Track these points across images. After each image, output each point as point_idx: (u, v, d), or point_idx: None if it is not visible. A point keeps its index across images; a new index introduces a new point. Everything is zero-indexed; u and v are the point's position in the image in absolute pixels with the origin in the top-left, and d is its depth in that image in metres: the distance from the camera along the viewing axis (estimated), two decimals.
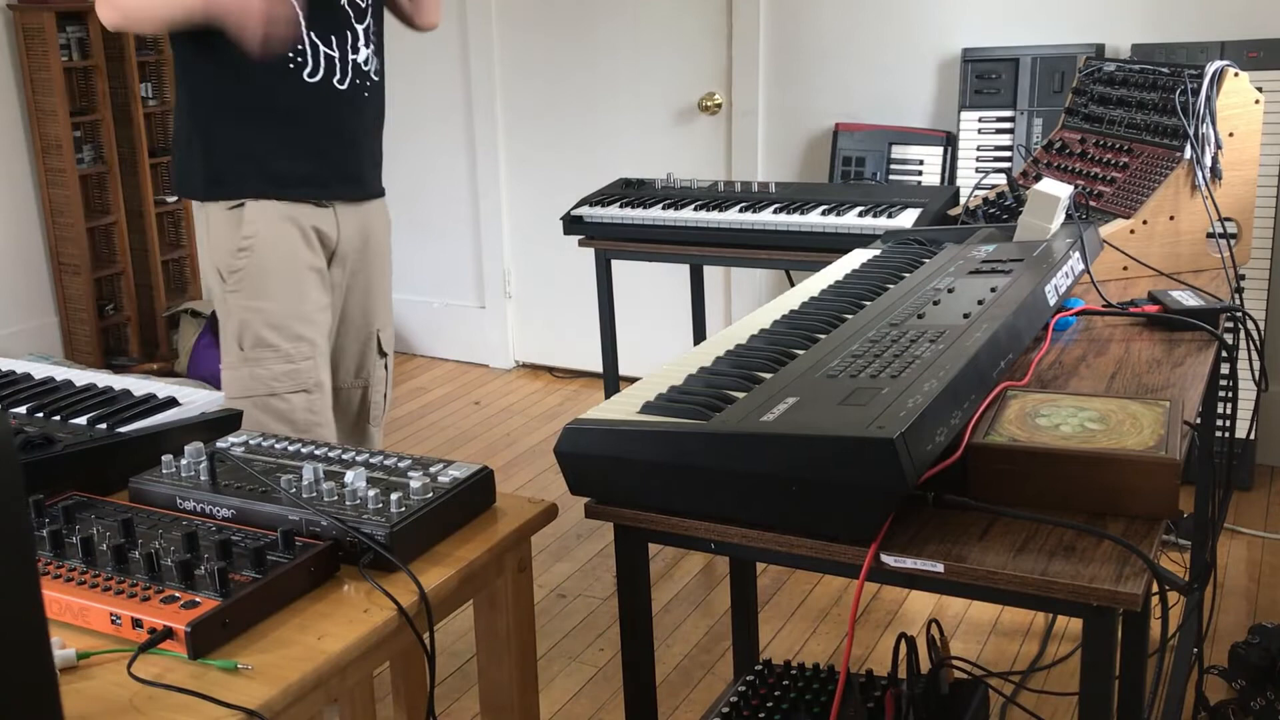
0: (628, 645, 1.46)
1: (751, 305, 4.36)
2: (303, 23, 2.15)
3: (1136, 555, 1.17)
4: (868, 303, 1.73)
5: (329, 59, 2.19)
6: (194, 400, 1.63)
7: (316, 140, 2.23)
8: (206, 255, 2.25)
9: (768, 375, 1.43)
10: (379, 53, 2.33)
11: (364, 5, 2.26)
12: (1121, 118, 2.40)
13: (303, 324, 2.22)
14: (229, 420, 1.60)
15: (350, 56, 2.22)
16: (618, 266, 3.10)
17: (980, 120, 3.78)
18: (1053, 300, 1.75)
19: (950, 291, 1.71)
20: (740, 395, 1.36)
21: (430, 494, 1.33)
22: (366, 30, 2.26)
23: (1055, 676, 2.64)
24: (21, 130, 4.72)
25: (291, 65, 2.16)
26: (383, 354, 2.44)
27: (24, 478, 0.81)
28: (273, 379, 2.19)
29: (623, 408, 1.39)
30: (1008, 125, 3.75)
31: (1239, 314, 1.94)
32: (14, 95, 4.68)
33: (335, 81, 2.21)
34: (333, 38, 2.20)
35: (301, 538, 1.26)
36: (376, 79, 2.31)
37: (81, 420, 1.55)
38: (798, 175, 4.19)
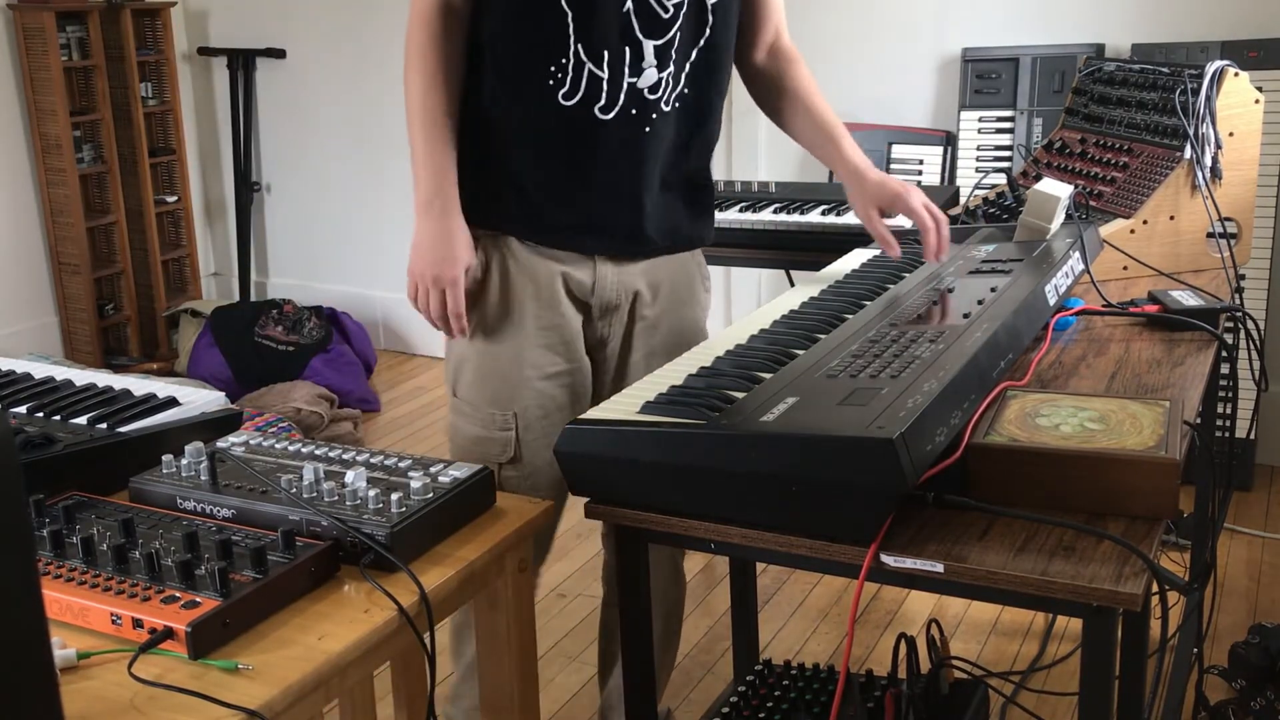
0: (628, 645, 1.46)
1: (751, 305, 4.35)
2: (571, 33, 1.71)
3: (1136, 555, 1.17)
4: (868, 303, 1.73)
5: (593, 79, 1.74)
6: (194, 400, 1.63)
7: (570, 177, 1.79)
8: None
9: (768, 375, 1.43)
10: (679, 78, 1.79)
11: (665, 15, 1.74)
12: (1121, 118, 2.40)
13: (515, 388, 1.82)
14: (229, 420, 1.60)
15: (626, 80, 1.74)
16: None
17: (980, 120, 3.78)
18: (1053, 300, 1.75)
19: (950, 291, 1.71)
20: (740, 395, 1.36)
21: (430, 494, 1.33)
22: (663, 49, 1.75)
23: (1055, 676, 2.64)
24: (21, 130, 4.72)
25: (550, 82, 1.73)
26: None
27: (24, 478, 0.81)
28: (469, 441, 1.86)
29: (623, 408, 1.39)
30: (1008, 125, 3.75)
31: (1239, 314, 1.94)
32: (14, 95, 4.68)
33: (598, 109, 1.75)
34: (603, 53, 1.73)
35: (302, 538, 1.26)
36: (670, 109, 1.80)
37: (81, 420, 1.55)
38: (798, 175, 4.19)
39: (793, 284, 2.50)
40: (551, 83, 1.73)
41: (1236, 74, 2.21)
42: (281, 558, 1.22)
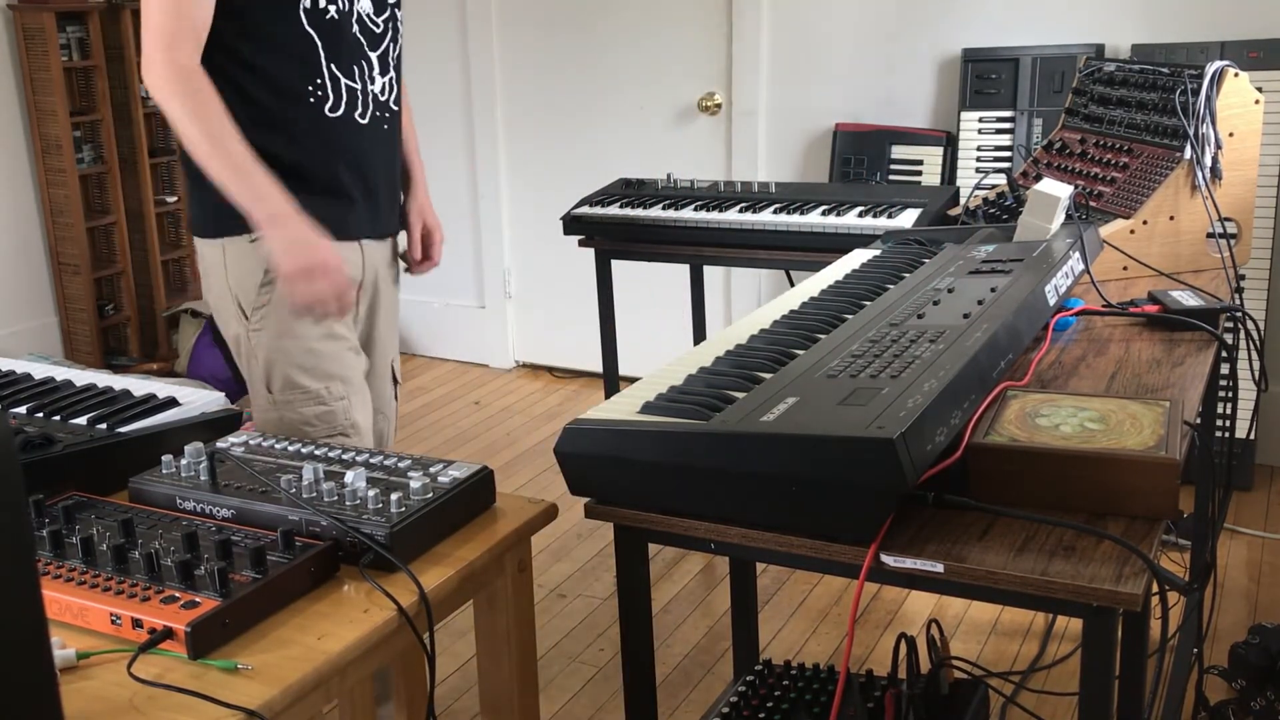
0: (628, 645, 1.46)
1: (751, 305, 4.36)
2: (321, 56, 1.96)
3: (1136, 555, 1.17)
4: (868, 303, 1.73)
5: (350, 91, 2.00)
6: (194, 400, 1.63)
7: (340, 177, 2.04)
8: (225, 295, 2.04)
9: (768, 375, 1.43)
10: (399, 80, 2.14)
11: (378, 30, 2.05)
12: (1121, 118, 2.40)
13: (334, 362, 2.04)
14: (229, 420, 1.60)
15: (369, 88, 2.03)
16: (618, 266, 3.10)
17: (980, 120, 3.78)
18: (1053, 300, 1.75)
19: (950, 291, 1.71)
20: (740, 395, 1.36)
21: (430, 494, 1.33)
22: (383, 57, 2.07)
23: (1055, 676, 2.64)
24: (21, 130, 4.72)
25: (312, 100, 1.97)
26: (396, 382, 2.31)
27: (24, 478, 0.81)
28: (304, 423, 2.02)
29: (623, 408, 1.39)
30: (1008, 125, 3.75)
31: (1239, 314, 1.94)
32: (14, 95, 4.68)
33: (357, 116, 2.02)
34: (354, 69, 2.00)
35: (301, 538, 1.26)
36: (396, 109, 2.12)
37: (81, 420, 1.55)
38: (798, 175, 4.19)
39: (793, 284, 2.51)
40: (314, 100, 1.97)
41: (1236, 74, 2.21)
42: (281, 558, 1.22)
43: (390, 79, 2.09)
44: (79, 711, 1.03)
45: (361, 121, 2.03)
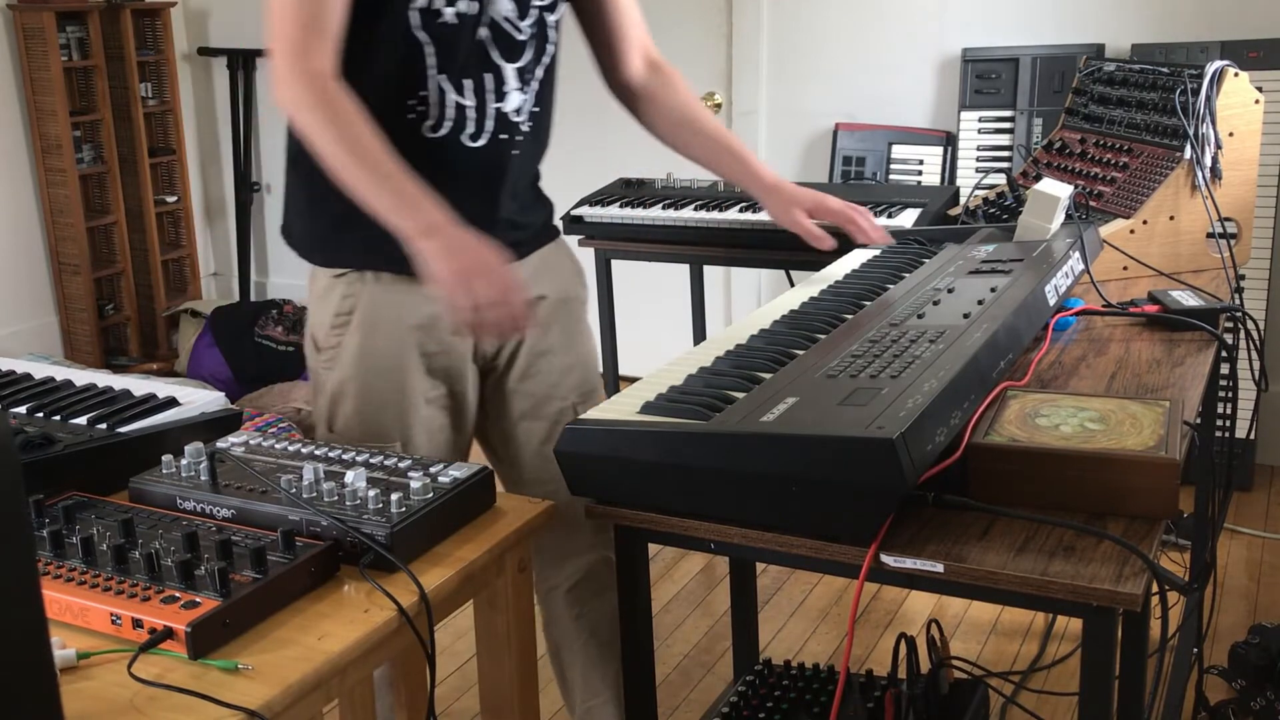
0: (628, 645, 1.46)
1: (751, 305, 4.36)
2: (429, 66, 1.66)
3: (1136, 555, 1.17)
4: (868, 303, 1.73)
5: (459, 110, 1.70)
6: (194, 400, 1.63)
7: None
8: (310, 320, 1.83)
9: (768, 375, 1.43)
10: (548, 96, 1.81)
11: (521, 38, 1.71)
12: (1121, 118, 2.40)
13: (395, 415, 1.78)
14: (229, 420, 1.60)
15: (490, 106, 1.71)
16: (618, 266, 3.10)
17: (980, 120, 3.78)
18: (1053, 300, 1.75)
19: (950, 291, 1.71)
20: (740, 395, 1.36)
21: (430, 494, 1.33)
22: (525, 71, 1.74)
23: (1055, 676, 2.64)
24: (21, 130, 4.72)
25: (411, 116, 1.68)
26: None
27: (24, 478, 0.81)
28: None
29: (623, 408, 1.39)
30: (1008, 125, 3.75)
31: (1239, 314, 1.94)
32: (14, 95, 4.68)
33: (466, 138, 1.71)
34: (471, 82, 1.69)
35: (302, 538, 1.26)
36: (530, 129, 1.79)
37: (81, 420, 1.55)
38: (798, 175, 4.19)
39: (793, 284, 2.50)
40: (412, 116, 1.68)
41: (1236, 74, 2.21)
42: (281, 558, 1.22)
43: (531, 95, 1.76)
44: (79, 711, 1.03)
45: (472, 145, 1.71)
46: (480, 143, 1.72)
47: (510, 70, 1.71)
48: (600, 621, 1.94)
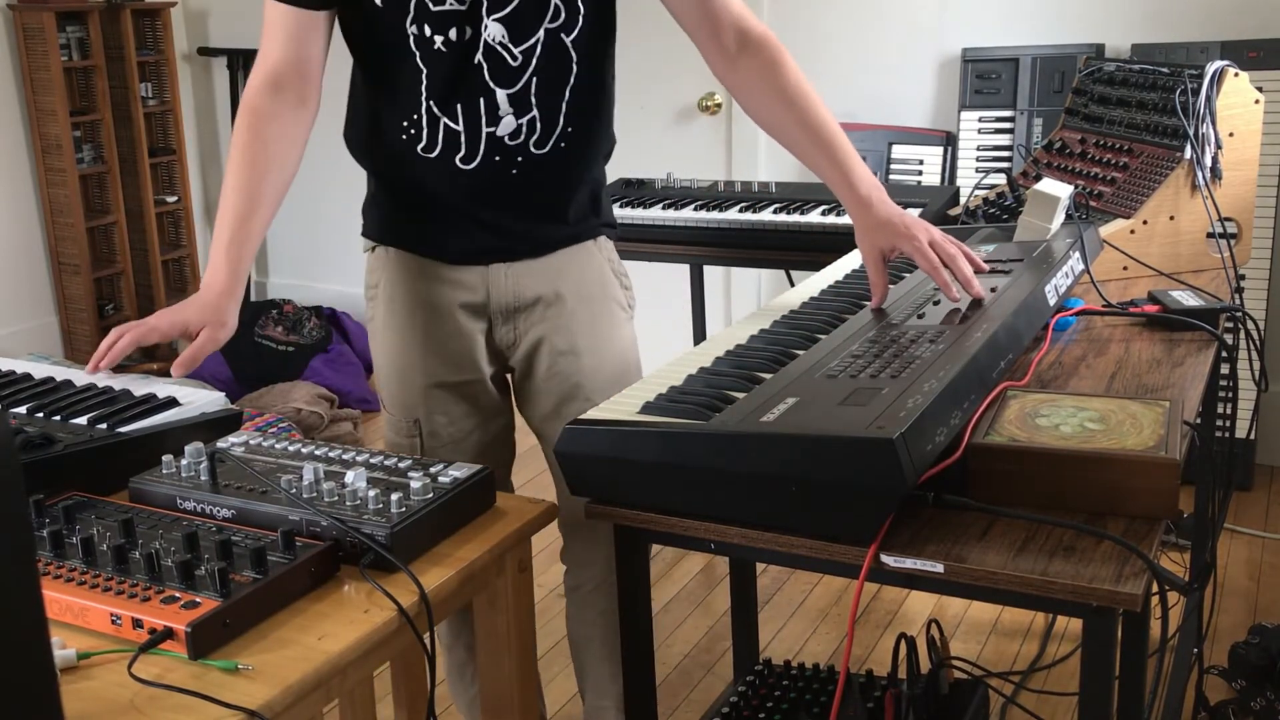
0: (628, 645, 1.46)
1: (751, 305, 4.36)
2: (423, 90, 1.71)
3: (1136, 555, 1.17)
4: (868, 303, 1.73)
5: (449, 133, 1.72)
6: (194, 400, 1.63)
7: (439, 216, 1.81)
8: None
9: (768, 375, 1.43)
10: (564, 116, 1.76)
11: (515, 64, 1.70)
12: (1121, 118, 2.40)
13: (411, 393, 1.86)
14: (229, 420, 1.60)
15: (483, 130, 1.72)
16: None
17: (980, 120, 3.78)
18: (1053, 300, 1.75)
19: None
20: (740, 395, 1.36)
21: (430, 494, 1.33)
22: (520, 96, 1.72)
23: (1055, 676, 2.64)
24: (21, 130, 4.72)
25: (405, 137, 1.74)
26: None
27: (24, 478, 0.81)
28: (390, 447, 1.89)
29: (623, 408, 1.39)
30: (1008, 125, 3.75)
31: (1239, 314, 1.94)
32: (14, 95, 4.68)
33: (458, 160, 1.74)
34: (461, 108, 1.71)
35: (302, 538, 1.26)
36: (538, 151, 1.76)
37: (81, 420, 1.55)
38: (798, 175, 4.19)
39: (793, 284, 2.51)
40: (405, 137, 1.74)
41: (1236, 74, 2.21)
42: (281, 558, 1.22)
43: (531, 119, 1.73)
44: (79, 711, 1.03)
45: (464, 166, 1.74)
46: (472, 165, 1.74)
47: (503, 95, 1.71)
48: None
